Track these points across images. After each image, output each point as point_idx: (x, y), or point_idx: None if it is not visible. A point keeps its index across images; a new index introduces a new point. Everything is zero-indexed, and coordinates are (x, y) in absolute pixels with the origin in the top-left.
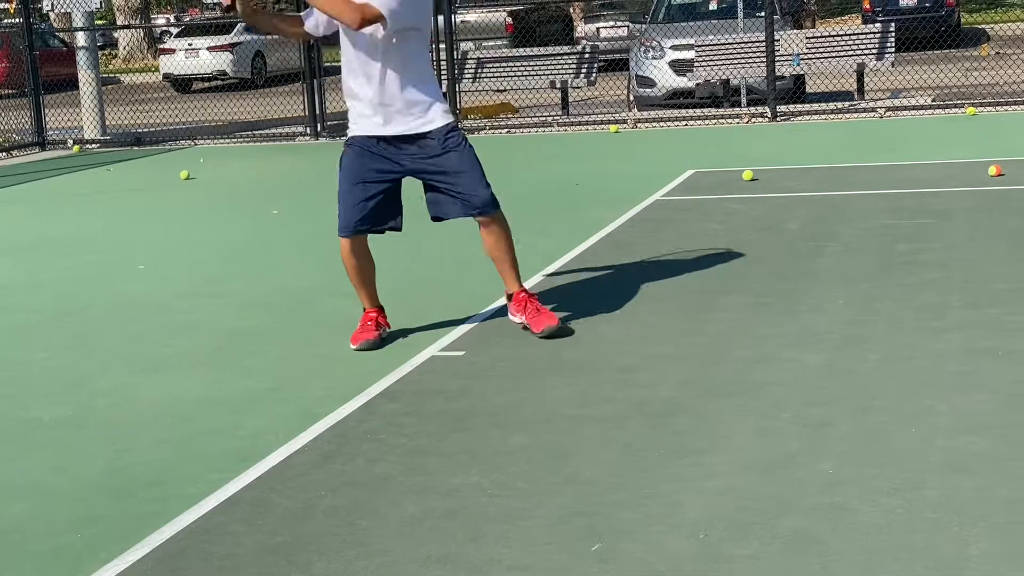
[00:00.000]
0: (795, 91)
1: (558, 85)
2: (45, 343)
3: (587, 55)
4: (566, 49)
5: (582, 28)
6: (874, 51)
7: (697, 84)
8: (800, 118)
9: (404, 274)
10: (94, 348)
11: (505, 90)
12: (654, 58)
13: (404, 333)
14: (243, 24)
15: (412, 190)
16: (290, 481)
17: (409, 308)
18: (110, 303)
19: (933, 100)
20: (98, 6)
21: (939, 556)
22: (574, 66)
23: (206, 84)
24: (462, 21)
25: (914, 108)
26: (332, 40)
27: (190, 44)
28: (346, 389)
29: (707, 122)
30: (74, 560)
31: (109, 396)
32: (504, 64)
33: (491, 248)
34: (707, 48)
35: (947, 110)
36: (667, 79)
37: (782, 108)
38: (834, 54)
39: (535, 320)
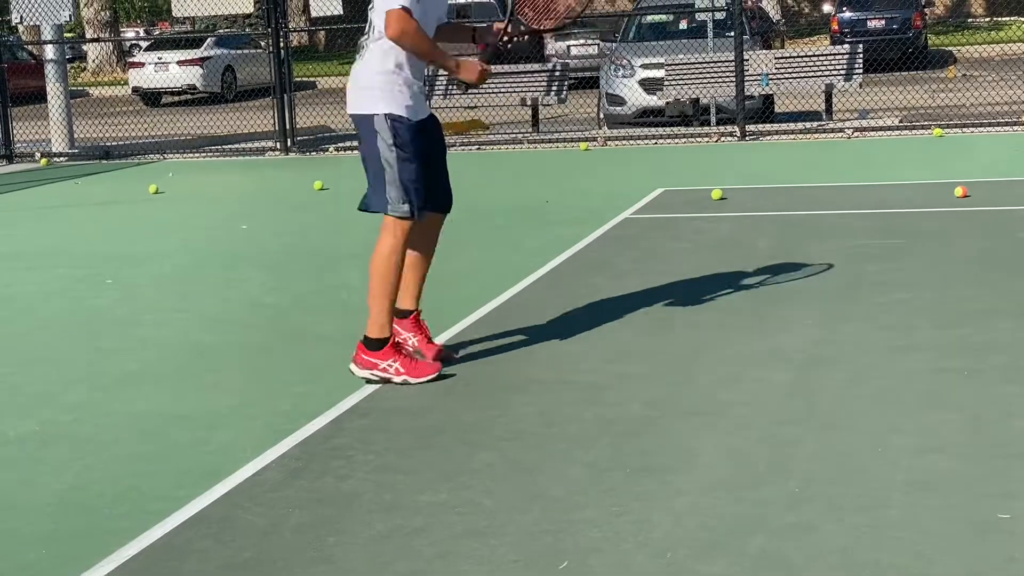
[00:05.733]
0: (764, 111)
1: (528, 102)
2: (11, 358)
3: (557, 72)
4: (537, 66)
5: (553, 46)
6: (842, 72)
7: (667, 103)
8: (769, 137)
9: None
10: (60, 363)
11: (476, 107)
12: (624, 76)
13: None
14: (213, 39)
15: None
16: (258, 498)
17: None
18: (77, 317)
19: (900, 121)
20: (67, 19)
21: (903, 575)
22: (545, 83)
23: (175, 98)
24: None
25: (882, 129)
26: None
27: (160, 58)
28: (314, 405)
29: (676, 141)
30: None
31: (75, 411)
32: None
33: (429, 252)
34: (677, 67)
35: (914, 131)
36: (637, 97)
37: (751, 127)
38: (803, 74)
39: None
